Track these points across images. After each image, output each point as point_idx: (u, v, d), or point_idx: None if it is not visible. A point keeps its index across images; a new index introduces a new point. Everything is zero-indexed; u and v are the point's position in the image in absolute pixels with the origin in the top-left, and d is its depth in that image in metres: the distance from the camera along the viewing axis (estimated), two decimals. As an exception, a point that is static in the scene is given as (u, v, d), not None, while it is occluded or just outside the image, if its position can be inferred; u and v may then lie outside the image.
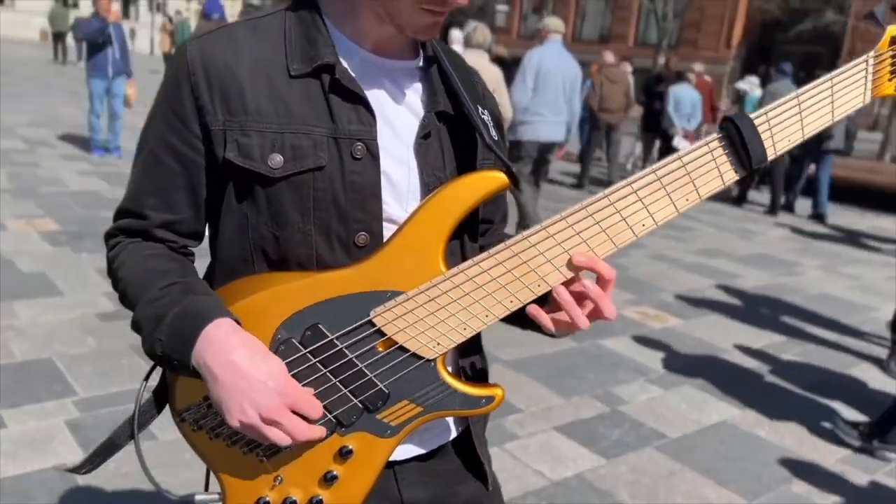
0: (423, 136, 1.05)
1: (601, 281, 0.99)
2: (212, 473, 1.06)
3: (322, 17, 1.03)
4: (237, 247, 1.04)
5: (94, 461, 1.09)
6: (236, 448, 1.02)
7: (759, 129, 0.95)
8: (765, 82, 11.78)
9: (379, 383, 0.99)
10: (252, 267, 1.04)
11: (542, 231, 0.96)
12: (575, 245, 0.97)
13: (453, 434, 1.18)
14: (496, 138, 1.08)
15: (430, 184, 1.05)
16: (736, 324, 5.12)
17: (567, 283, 0.99)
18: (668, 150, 9.34)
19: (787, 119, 0.96)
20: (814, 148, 9.02)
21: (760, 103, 9.64)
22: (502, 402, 1.03)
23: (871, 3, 23.46)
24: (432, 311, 0.98)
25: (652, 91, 10.42)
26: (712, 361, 4.42)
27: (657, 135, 10.21)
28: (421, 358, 0.99)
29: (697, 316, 5.22)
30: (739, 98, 11.39)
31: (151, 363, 1.07)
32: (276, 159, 0.98)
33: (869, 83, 0.97)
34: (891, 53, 0.96)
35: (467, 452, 1.20)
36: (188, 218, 1.06)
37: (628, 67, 10.82)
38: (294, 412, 0.92)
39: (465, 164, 1.09)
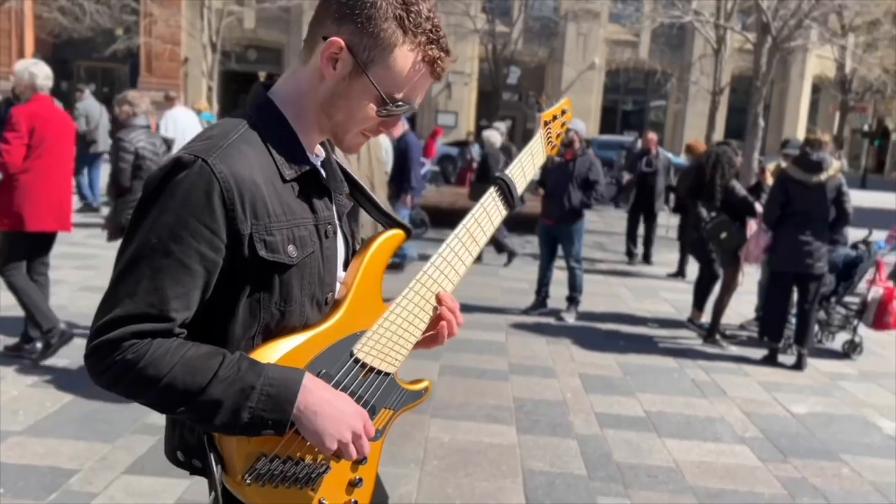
0: (342, 215, 1.39)
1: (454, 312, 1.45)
2: None
3: (291, 129, 1.27)
4: (247, 326, 1.22)
5: None
6: (291, 489, 1.21)
7: (513, 181, 1.54)
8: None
9: (369, 401, 1.31)
10: (252, 342, 1.23)
11: (432, 266, 1.39)
12: (460, 259, 1.42)
13: None
14: (384, 206, 1.46)
15: (352, 248, 1.41)
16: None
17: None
18: None
19: (519, 174, 1.58)
20: None
21: None
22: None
23: (168, 25, 24.31)
24: (388, 337, 1.33)
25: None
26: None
27: None
28: (388, 374, 1.34)
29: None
30: None
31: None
32: (291, 249, 1.22)
33: (544, 148, 1.68)
34: (546, 131, 1.68)
35: None
36: (193, 313, 1.17)
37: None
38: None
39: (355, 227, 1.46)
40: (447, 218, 11.67)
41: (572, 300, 6.89)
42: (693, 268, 7.07)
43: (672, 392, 5.12)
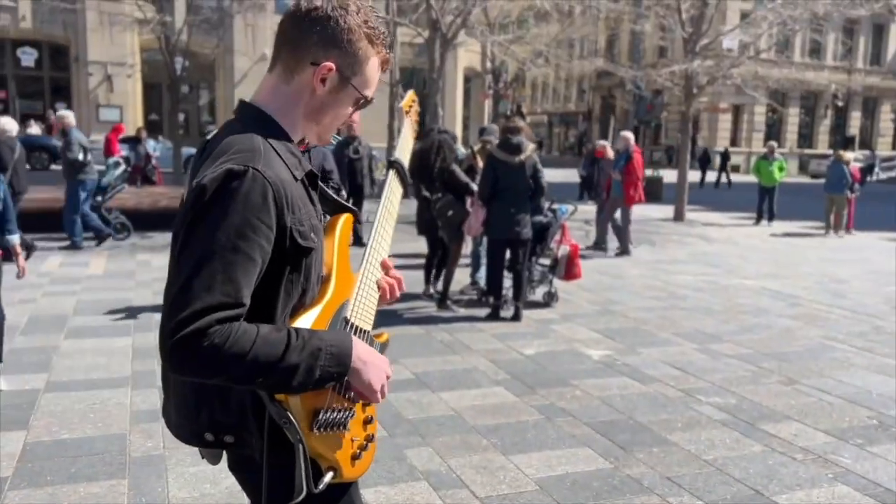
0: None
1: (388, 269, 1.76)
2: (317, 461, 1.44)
3: (289, 136, 1.49)
4: (285, 304, 1.45)
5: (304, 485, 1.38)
6: (334, 432, 1.46)
7: (402, 162, 1.90)
8: None
9: None
10: (285, 318, 1.45)
11: (374, 241, 1.69)
12: (388, 232, 1.74)
13: None
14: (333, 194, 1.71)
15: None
16: None
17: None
18: None
19: (403, 156, 1.92)
20: None
21: None
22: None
23: None
24: (363, 301, 1.62)
25: None
26: None
27: None
28: (367, 331, 1.62)
29: None
30: None
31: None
32: (313, 236, 1.47)
33: (412, 132, 2.03)
34: (410, 119, 2.02)
35: None
36: None
37: None
38: None
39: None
40: (149, 218, 11.14)
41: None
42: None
43: (428, 354, 5.76)
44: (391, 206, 1.79)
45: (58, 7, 25.94)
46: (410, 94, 2.11)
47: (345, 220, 1.67)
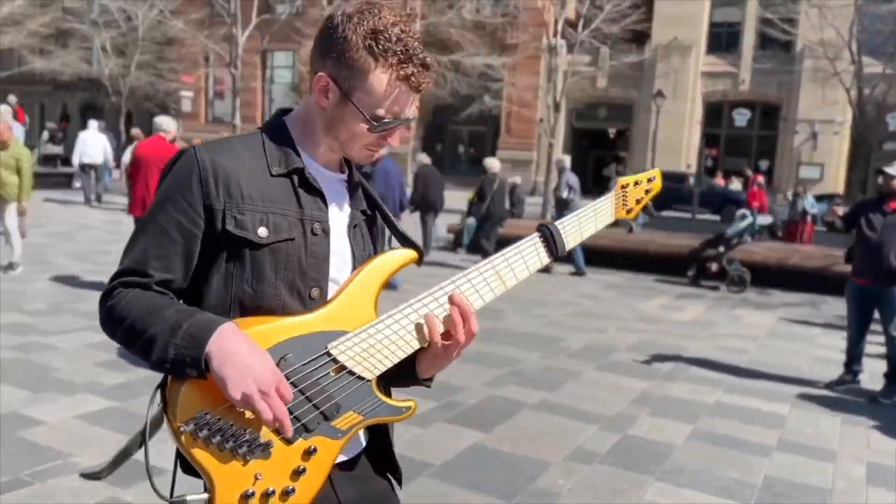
0: (353, 226, 1.53)
1: (464, 315, 1.42)
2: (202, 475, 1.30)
3: (291, 138, 1.48)
4: (221, 297, 1.40)
5: (112, 468, 1.39)
6: (225, 452, 1.29)
7: (562, 232, 1.53)
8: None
9: (334, 398, 1.37)
10: (228, 314, 1.39)
11: (441, 291, 1.43)
12: (472, 295, 1.44)
13: (363, 444, 1.57)
14: (401, 227, 1.56)
15: (359, 258, 1.52)
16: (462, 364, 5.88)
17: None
18: None
19: (573, 228, 1.56)
20: None
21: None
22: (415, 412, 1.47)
23: (522, 88, 26.74)
24: (371, 344, 1.39)
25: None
26: (451, 402, 5.12)
27: None
28: (362, 378, 1.39)
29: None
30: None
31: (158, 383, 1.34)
32: (262, 231, 1.39)
33: (612, 209, 1.63)
34: (622, 195, 1.63)
35: (376, 458, 1.59)
36: (179, 278, 1.40)
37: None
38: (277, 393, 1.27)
39: (378, 246, 1.59)
40: (774, 275, 10.69)
41: (892, 378, 5.78)
42: None
43: None
44: (506, 270, 1.50)
45: (775, 69, 27.05)
46: (650, 173, 1.71)
47: (394, 253, 1.48)
